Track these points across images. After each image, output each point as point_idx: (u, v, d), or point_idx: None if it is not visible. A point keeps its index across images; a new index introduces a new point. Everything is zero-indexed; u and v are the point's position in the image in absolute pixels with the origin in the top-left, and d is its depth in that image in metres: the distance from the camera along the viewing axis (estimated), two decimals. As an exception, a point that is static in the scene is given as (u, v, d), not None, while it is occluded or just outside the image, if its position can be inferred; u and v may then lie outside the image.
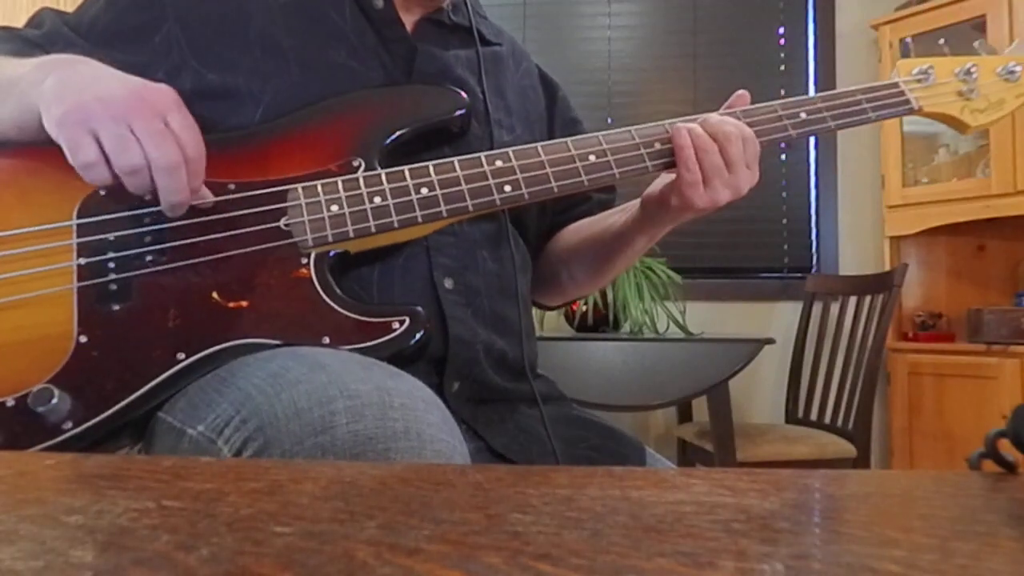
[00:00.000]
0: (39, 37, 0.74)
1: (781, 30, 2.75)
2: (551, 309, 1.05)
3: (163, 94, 0.62)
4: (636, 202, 0.82)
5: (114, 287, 0.62)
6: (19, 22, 0.78)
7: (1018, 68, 0.83)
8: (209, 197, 0.65)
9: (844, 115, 0.78)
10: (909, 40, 2.34)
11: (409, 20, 0.78)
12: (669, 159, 0.73)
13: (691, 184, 0.71)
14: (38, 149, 0.64)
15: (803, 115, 0.77)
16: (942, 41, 0.86)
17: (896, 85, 0.82)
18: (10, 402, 0.57)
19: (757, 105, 0.78)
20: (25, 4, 2.38)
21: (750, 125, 0.74)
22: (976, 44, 0.87)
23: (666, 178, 0.76)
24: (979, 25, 2.31)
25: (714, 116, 0.74)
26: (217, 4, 0.74)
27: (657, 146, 0.73)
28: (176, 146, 0.60)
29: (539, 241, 0.92)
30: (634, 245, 0.83)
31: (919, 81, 0.82)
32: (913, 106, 0.81)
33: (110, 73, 0.64)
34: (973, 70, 0.83)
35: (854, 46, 2.69)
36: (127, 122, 0.59)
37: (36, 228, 0.63)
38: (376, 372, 0.55)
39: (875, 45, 2.60)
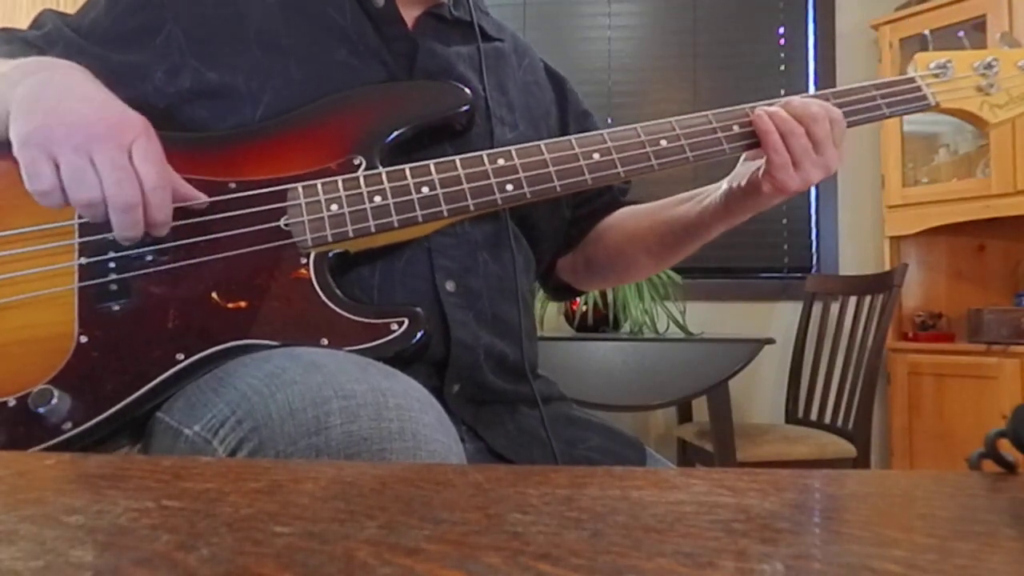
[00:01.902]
0: (39, 39, 0.74)
1: (781, 30, 2.75)
2: (577, 295, 1.05)
3: (132, 122, 0.60)
4: (711, 189, 0.81)
5: (115, 287, 0.62)
6: (19, 22, 0.78)
7: None
8: (202, 198, 0.64)
9: (857, 111, 0.77)
10: (927, 33, 2.32)
11: (410, 16, 0.78)
12: (743, 142, 0.73)
13: (781, 167, 0.71)
14: None
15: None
16: (961, 34, 0.84)
17: (912, 80, 0.79)
18: (11, 402, 0.57)
19: (764, 102, 0.77)
20: (25, 4, 2.38)
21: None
22: (998, 36, 0.84)
23: (751, 166, 0.76)
24: (979, 25, 2.30)
25: (797, 99, 0.74)
26: (217, 4, 0.74)
27: (662, 143, 0.73)
28: (135, 184, 0.58)
29: (568, 234, 0.91)
30: (713, 232, 0.83)
31: (936, 76, 0.79)
32: (930, 102, 0.78)
33: (83, 90, 0.62)
34: (993, 64, 0.79)
35: (854, 46, 2.69)
36: (88, 153, 0.57)
37: (38, 228, 0.63)
38: (372, 372, 0.55)
39: (875, 45, 2.60)
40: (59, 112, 0.58)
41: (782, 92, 2.74)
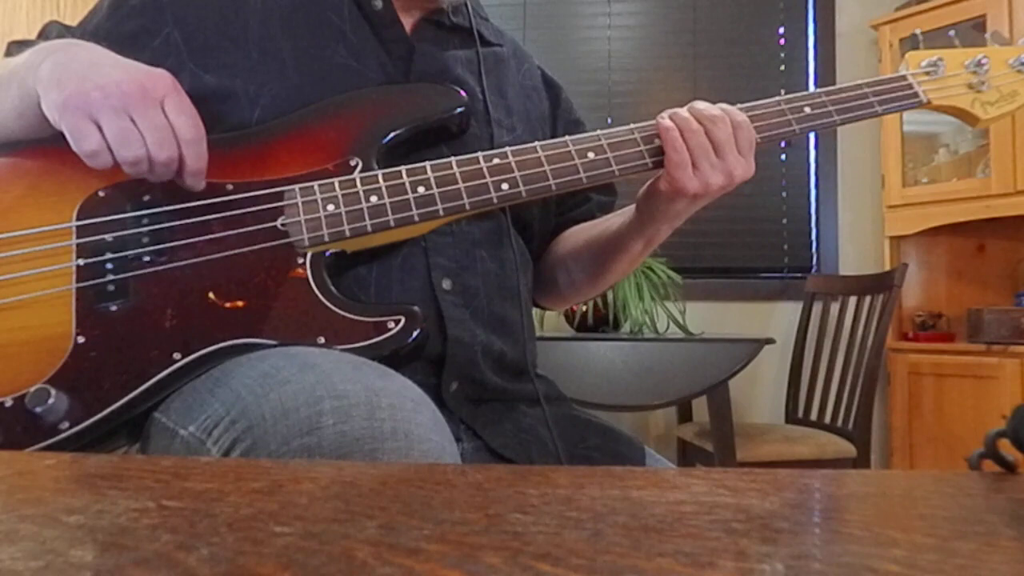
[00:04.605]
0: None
1: (781, 30, 2.75)
2: (551, 310, 1.04)
3: (160, 79, 0.63)
4: (632, 206, 0.81)
5: (112, 288, 0.62)
6: (19, 22, 0.79)
7: None
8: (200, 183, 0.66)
9: (849, 109, 0.77)
10: (919, 32, 2.33)
11: (408, 21, 0.78)
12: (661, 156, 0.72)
13: (678, 165, 0.70)
14: (38, 150, 0.64)
15: (807, 109, 0.76)
16: (952, 33, 0.85)
17: (904, 78, 0.80)
18: (8, 402, 0.57)
19: (760, 101, 0.77)
20: (25, 4, 2.38)
21: (752, 120, 0.74)
22: (988, 35, 0.85)
23: (656, 172, 0.75)
24: (979, 25, 2.31)
25: (701, 102, 0.73)
26: (216, 7, 0.74)
27: (656, 142, 0.73)
28: (173, 142, 0.61)
29: (542, 242, 0.91)
30: (630, 249, 0.81)
31: (928, 74, 0.80)
32: (921, 99, 0.79)
33: (107, 58, 0.64)
34: (984, 62, 0.80)
35: (854, 46, 2.69)
36: (128, 113, 0.60)
37: (36, 230, 0.63)
38: (366, 372, 0.55)
39: (875, 45, 2.60)
40: (91, 77, 0.60)
41: (782, 92, 2.71)
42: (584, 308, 2.14)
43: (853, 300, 2.20)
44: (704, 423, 2.09)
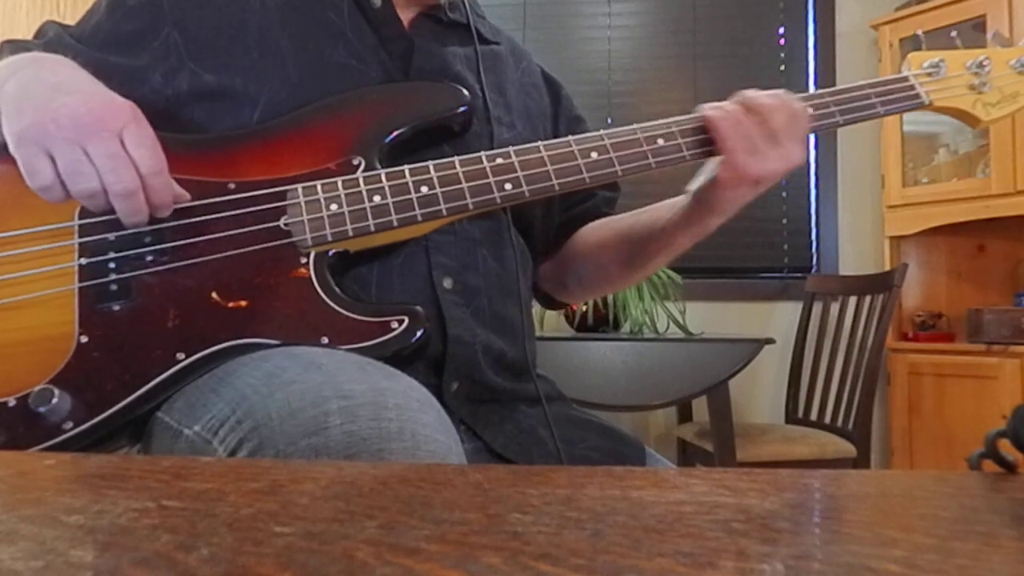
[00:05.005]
0: (40, 47, 0.74)
1: (781, 30, 2.75)
2: (560, 307, 1.04)
3: (120, 109, 0.61)
4: (677, 199, 0.81)
5: (115, 287, 0.62)
6: (19, 21, 0.78)
7: None
8: (185, 196, 0.64)
9: (852, 110, 0.77)
10: (920, 33, 2.34)
11: (406, 17, 0.78)
12: (702, 149, 0.73)
13: (736, 151, 0.71)
14: None
15: (810, 110, 0.77)
16: (954, 34, 0.85)
17: (906, 79, 0.80)
18: (11, 402, 0.57)
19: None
20: (25, 4, 2.38)
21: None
22: (989, 36, 0.85)
23: (711, 163, 0.75)
24: (979, 25, 2.31)
25: (751, 91, 0.74)
26: (215, 6, 0.74)
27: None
28: (131, 170, 0.59)
29: (551, 239, 0.91)
30: (676, 243, 0.82)
31: (930, 75, 0.80)
32: (923, 100, 0.79)
33: (71, 82, 0.63)
34: (986, 63, 0.80)
35: (854, 46, 2.69)
36: (82, 145, 0.58)
37: (38, 229, 0.63)
38: (371, 372, 0.55)
39: (875, 45, 2.60)
40: (48, 108, 0.59)
41: (782, 92, 2.74)
42: (584, 308, 2.14)
43: (853, 300, 2.20)
44: (704, 423, 2.09)
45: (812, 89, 2.70)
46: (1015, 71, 0.81)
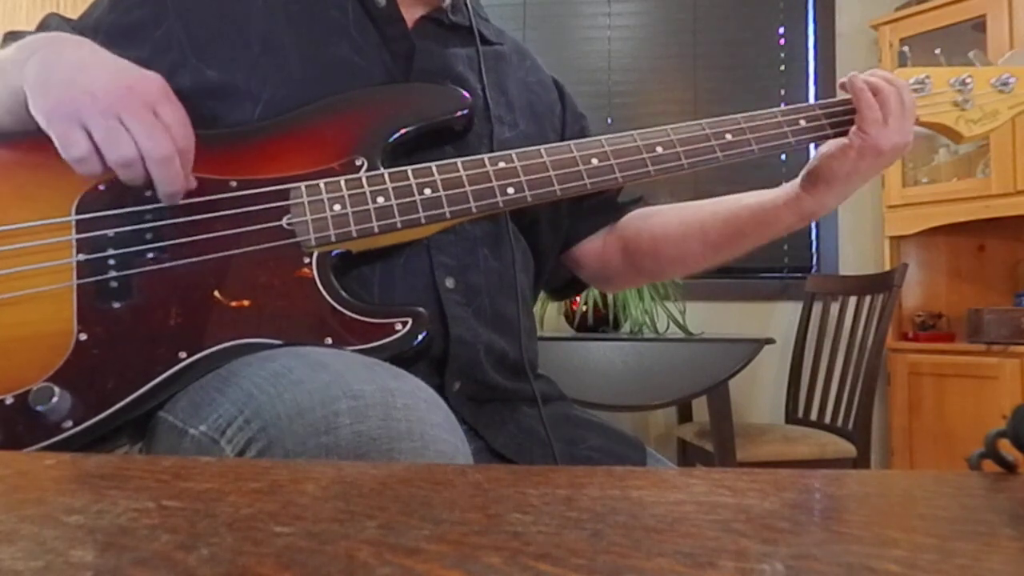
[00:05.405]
0: None
1: (781, 30, 2.75)
2: (574, 294, 1.05)
3: (151, 83, 0.62)
4: (778, 188, 0.83)
5: (114, 284, 0.62)
6: (19, 22, 0.78)
7: (1012, 79, 0.84)
8: (193, 185, 0.65)
9: (844, 123, 0.79)
10: (906, 49, 2.36)
11: (410, 17, 0.78)
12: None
13: (873, 122, 0.76)
14: (35, 143, 0.63)
15: (802, 123, 0.79)
16: (938, 51, 0.88)
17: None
18: (9, 400, 0.57)
19: (760, 112, 0.79)
20: (25, 4, 2.38)
21: (752, 131, 0.77)
22: (971, 55, 0.88)
23: (832, 144, 0.79)
24: (979, 25, 2.30)
25: (882, 71, 0.79)
26: (219, 3, 0.74)
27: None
28: (168, 136, 0.60)
29: (555, 239, 0.90)
30: (781, 223, 0.84)
31: (916, 91, 0.82)
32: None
33: (96, 59, 0.63)
34: (968, 81, 0.83)
35: (854, 46, 2.69)
36: (117, 115, 0.59)
37: (34, 224, 0.62)
38: (379, 372, 0.55)
39: (875, 45, 2.60)
40: (79, 82, 0.60)
41: (782, 92, 2.74)
42: (584, 308, 2.14)
43: (853, 300, 2.20)
44: (704, 423, 2.09)
45: (812, 89, 2.71)
46: (995, 90, 0.84)
